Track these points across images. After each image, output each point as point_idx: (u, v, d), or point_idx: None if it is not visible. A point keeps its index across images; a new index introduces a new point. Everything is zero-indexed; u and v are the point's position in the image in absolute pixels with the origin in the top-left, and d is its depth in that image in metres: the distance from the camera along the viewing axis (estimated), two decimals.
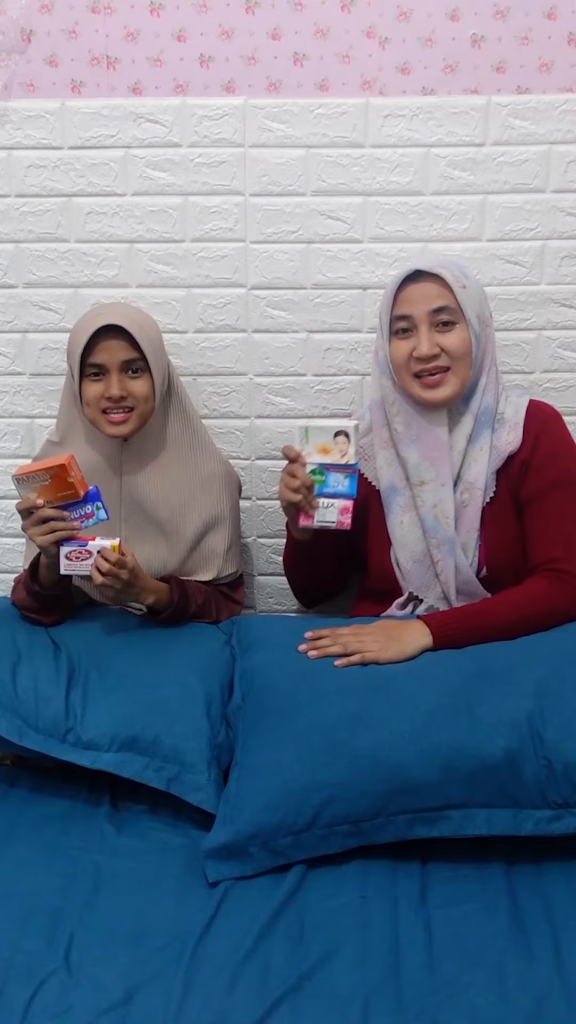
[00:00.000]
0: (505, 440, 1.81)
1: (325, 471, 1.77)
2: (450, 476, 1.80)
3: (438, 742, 1.54)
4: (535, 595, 1.75)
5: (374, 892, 1.49)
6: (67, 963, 1.38)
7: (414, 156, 2.00)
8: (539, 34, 1.94)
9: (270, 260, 2.06)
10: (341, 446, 1.75)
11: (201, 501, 1.96)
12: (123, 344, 1.82)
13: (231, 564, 2.00)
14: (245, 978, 1.35)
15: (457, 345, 1.76)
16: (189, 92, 1.99)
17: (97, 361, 1.83)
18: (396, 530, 1.87)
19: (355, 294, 2.06)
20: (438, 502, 1.81)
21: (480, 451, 1.81)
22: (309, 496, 1.76)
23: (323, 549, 1.91)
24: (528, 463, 1.80)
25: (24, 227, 2.06)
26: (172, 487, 1.94)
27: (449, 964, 1.36)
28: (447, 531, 1.80)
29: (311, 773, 1.55)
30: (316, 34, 1.95)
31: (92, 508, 1.77)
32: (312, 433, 1.76)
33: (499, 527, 1.83)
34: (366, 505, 1.90)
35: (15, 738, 1.70)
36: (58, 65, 1.99)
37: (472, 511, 1.81)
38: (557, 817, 1.52)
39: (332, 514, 1.78)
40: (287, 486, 1.77)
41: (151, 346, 1.85)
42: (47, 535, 1.75)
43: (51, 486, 1.74)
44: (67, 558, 1.77)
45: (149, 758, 1.67)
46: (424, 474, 1.82)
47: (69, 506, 1.76)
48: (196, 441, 1.98)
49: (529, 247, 2.04)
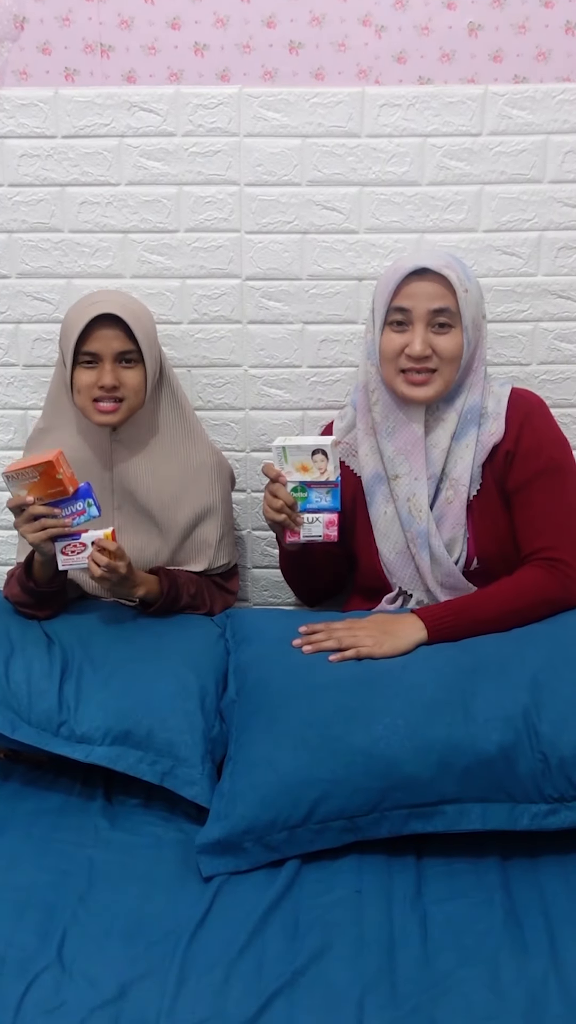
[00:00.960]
0: (488, 432, 1.80)
1: (307, 488, 1.76)
2: (424, 471, 1.80)
3: (433, 737, 1.53)
4: (528, 585, 1.74)
5: (369, 887, 1.49)
6: (60, 958, 1.38)
7: (410, 146, 1.98)
8: (536, 23, 1.93)
9: (265, 251, 2.05)
10: (320, 464, 1.75)
11: (192, 491, 1.95)
12: (118, 334, 1.81)
13: (224, 555, 1.99)
14: (239, 973, 1.35)
15: (449, 349, 1.75)
16: (183, 80, 1.98)
17: (91, 349, 1.81)
18: (379, 521, 1.87)
19: (351, 285, 2.05)
20: (411, 496, 1.81)
21: (466, 448, 1.80)
22: (293, 514, 1.76)
23: (317, 558, 1.91)
24: (513, 453, 1.79)
25: (17, 217, 2.05)
26: (163, 477, 1.93)
27: (444, 959, 1.36)
28: (420, 524, 1.80)
29: (306, 768, 1.55)
30: (312, 22, 1.94)
31: (83, 505, 1.76)
32: (290, 452, 1.75)
33: (487, 519, 1.82)
34: (354, 502, 1.90)
35: (8, 731, 1.69)
36: (51, 53, 1.97)
37: (457, 506, 1.81)
38: (553, 811, 1.52)
39: (318, 528, 1.78)
40: (270, 505, 1.77)
41: (146, 337, 1.84)
42: (38, 532, 1.74)
43: (40, 483, 1.73)
44: (63, 553, 1.77)
45: (143, 752, 1.66)
46: (398, 468, 1.82)
47: (61, 503, 1.75)
48: (187, 431, 1.97)
49: (526, 238, 2.03)
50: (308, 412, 2.14)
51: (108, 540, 1.76)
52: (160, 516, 1.93)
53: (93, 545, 1.76)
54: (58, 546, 1.77)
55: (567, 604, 1.75)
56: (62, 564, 1.78)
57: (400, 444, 1.81)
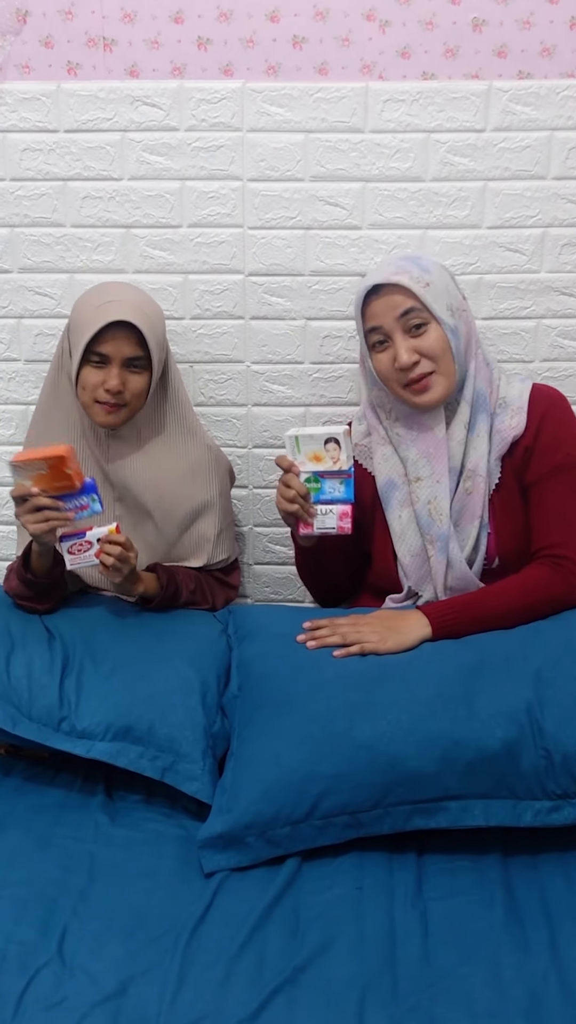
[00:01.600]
0: (508, 425, 1.79)
1: (320, 478, 1.76)
2: (447, 472, 1.79)
3: (436, 733, 1.53)
4: (534, 582, 1.74)
5: (370, 884, 1.49)
6: (61, 954, 1.37)
7: (414, 142, 1.98)
8: (541, 18, 1.92)
9: (268, 246, 2.04)
10: (333, 453, 1.74)
11: (189, 486, 1.94)
12: (131, 339, 1.80)
13: (223, 550, 1.99)
14: (240, 969, 1.34)
15: (434, 345, 1.73)
16: (187, 75, 1.97)
17: (101, 351, 1.80)
18: (395, 524, 1.86)
19: (354, 281, 2.05)
20: (432, 498, 1.80)
21: (478, 437, 1.79)
22: (306, 505, 1.75)
23: (332, 553, 1.90)
24: (532, 448, 1.79)
25: (19, 211, 2.04)
26: (160, 472, 1.92)
27: (445, 956, 1.36)
28: (441, 528, 1.79)
29: (309, 763, 1.54)
30: (316, 17, 1.93)
31: (87, 500, 1.75)
32: (302, 442, 1.75)
33: (508, 515, 1.81)
34: (373, 502, 1.89)
35: (8, 727, 1.69)
36: (54, 46, 1.97)
37: (476, 499, 1.79)
38: (556, 808, 1.52)
39: (331, 520, 1.76)
40: (283, 496, 1.76)
41: (156, 343, 1.82)
42: (40, 523, 1.73)
43: (48, 476, 1.72)
44: (69, 552, 1.77)
45: (144, 747, 1.66)
46: (421, 471, 1.81)
47: (64, 497, 1.75)
48: (185, 427, 1.96)
49: (529, 234, 2.02)
50: (311, 408, 2.14)
51: (117, 535, 1.76)
52: (156, 511, 1.93)
53: (100, 542, 1.76)
54: (64, 546, 1.77)
55: (572, 602, 1.74)
56: (70, 564, 1.78)
57: (423, 447, 1.80)
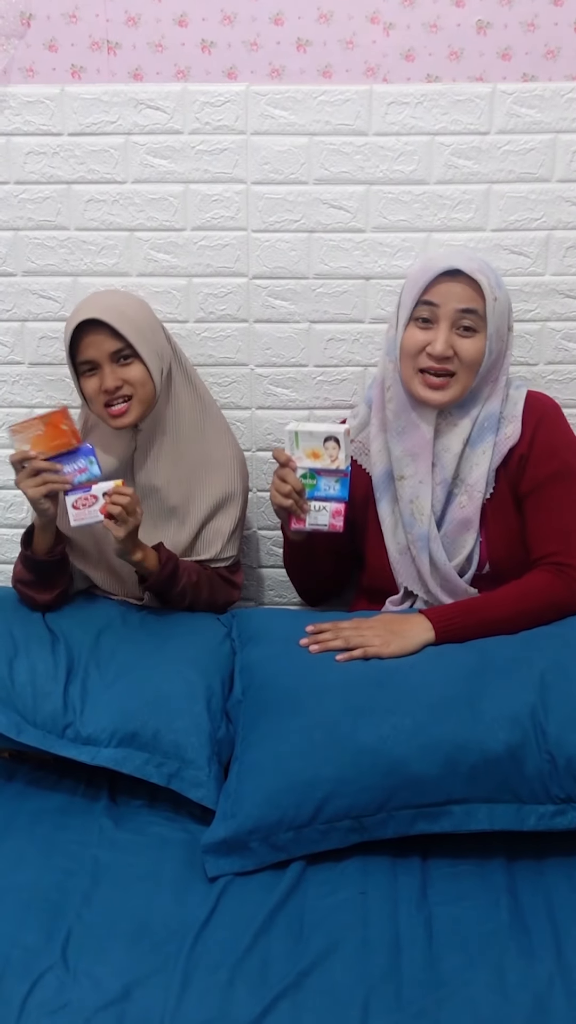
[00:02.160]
0: (505, 435, 1.79)
1: (316, 475, 1.76)
2: (430, 475, 1.79)
3: (440, 737, 1.53)
4: (536, 589, 1.74)
5: (374, 888, 1.48)
6: (64, 958, 1.37)
7: (418, 144, 1.98)
8: (545, 20, 1.92)
9: (272, 249, 2.04)
10: (331, 451, 1.74)
11: (214, 479, 1.95)
12: (106, 335, 1.80)
13: (231, 547, 1.99)
14: (244, 974, 1.34)
15: (471, 353, 1.73)
16: (190, 78, 1.97)
17: (87, 358, 1.82)
18: (387, 518, 1.87)
19: (358, 284, 2.04)
20: (414, 498, 1.80)
21: (482, 455, 1.79)
22: (300, 500, 1.76)
23: (320, 549, 1.90)
24: (527, 456, 1.79)
25: (23, 214, 2.04)
26: (184, 467, 1.93)
27: (450, 961, 1.35)
28: (421, 528, 1.79)
29: (312, 768, 1.54)
30: (319, 19, 1.93)
31: (86, 462, 1.77)
32: (302, 438, 1.75)
33: (500, 523, 1.81)
34: (366, 501, 1.89)
35: (13, 734, 1.69)
36: (58, 50, 1.97)
37: (471, 511, 1.80)
38: (560, 812, 1.51)
39: (324, 517, 1.77)
40: (278, 490, 1.76)
41: (135, 330, 1.81)
42: (39, 487, 1.74)
43: (45, 435, 1.75)
44: (74, 507, 1.77)
45: (149, 754, 1.65)
46: (405, 469, 1.81)
47: (63, 459, 1.76)
48: (210, 418, 1.97)
49: (534, 237, 2.02)
50: (314, 411, 2.14)
51: (124, 487, 1.76)
52: (182, 507, 1.93)
53: (106, 496, 1.76)
54: (69, 500, 1.77)
55: (575, 609, 1.74)
56: (74, 519, 1.78)
57: (409, 445, 1.80)
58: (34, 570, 1.84)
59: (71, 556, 1.91)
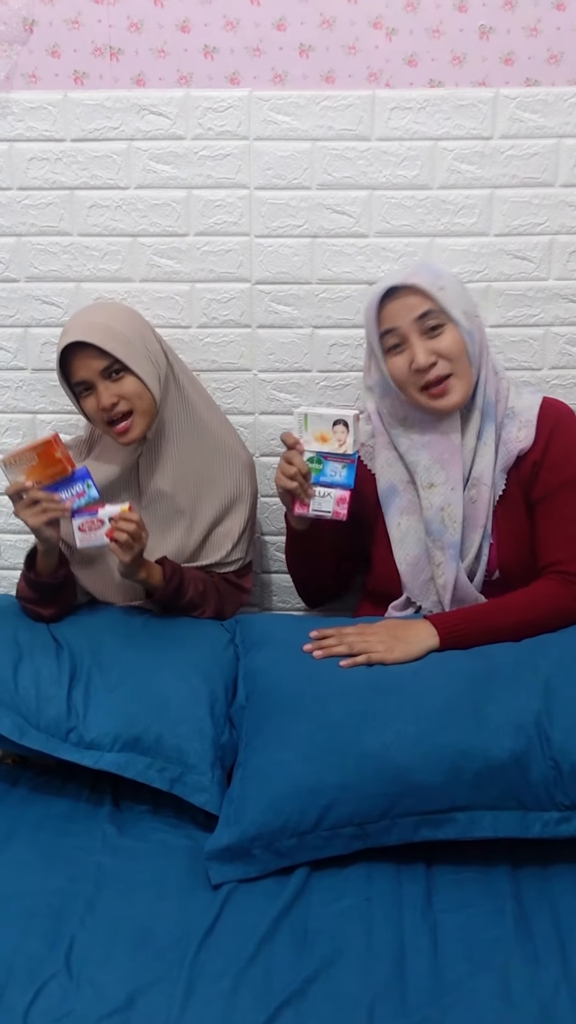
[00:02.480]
0: (516, 437, 1.79)
1: (323, 459, 1.75)
2: (461, 479, 1.78)
3: (444, 743, 1.52)
4: (542, 597, 1.73)
5: (378, 895, 1.48)
6: (68, 966, 1.37)
7: (421, 149, 1.97)
8: (548, 25, 1.92)
9: (275, 254, 2.04)
10: (340, 435, 1.73)
11: (223, 481, 1.95)
12: (93, 354, 1.80)
13: (240, 549, 1.98)
14: (248, 982, 1.34)
15: (451, 346, 1.73)
16: (193, 84, 1.97)
17: (79, 378, 1.82)
18: (394, 532, 1.86)
19: (361, 289, 2.04)
20: (446, 505, 1.78)
21: (485, 446, 1.79)
22: (305, 484, 1.74)
23: (322, 541, 1.88)
24: (540, 463, 1.78)
25: (26, 220, 2.04)
26: (190, 471, 1.93)
27: (455, 969, 1.35)
28: (453, 536, 1.78)
29: (316, 774, 1.54)
30: (322, 25, 1.93)
31: (83, 486, 1.77)
32: (311, 420, 1.74)
33: (511, 528, 1.81)
34: (377, 503, 1.88)
35: (16, 737, 1.68)
36: (60, 56, 1.97)
37: (481, 508, 1.79)
38: (565, 819, 1.51)
39: (328, 503, 1.75)
40: (283, 472, 1.75)
41: (122, 344, 1.81)
42: (38, 516, 1.74)
43: (39, 465, 1.74)
44: (80, 530, 1.77)
45: (152, 758, 1.65)
46: (435, 477, 1.79)
47: (59, 487, 1.76)
48: (213, 422, 1.97)
49: (537, 242, 2.02)
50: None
51: (131, 513, 1.76)
52: (190, 510, 1.93)
53: (112, 520, 1.76)
54: (75, 523, 1.77)
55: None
56: (80, 542, 1.78)
57: (437, 453, 1.79)
58: (38, 591, 1.85)
59: (73, 567, 1.91)
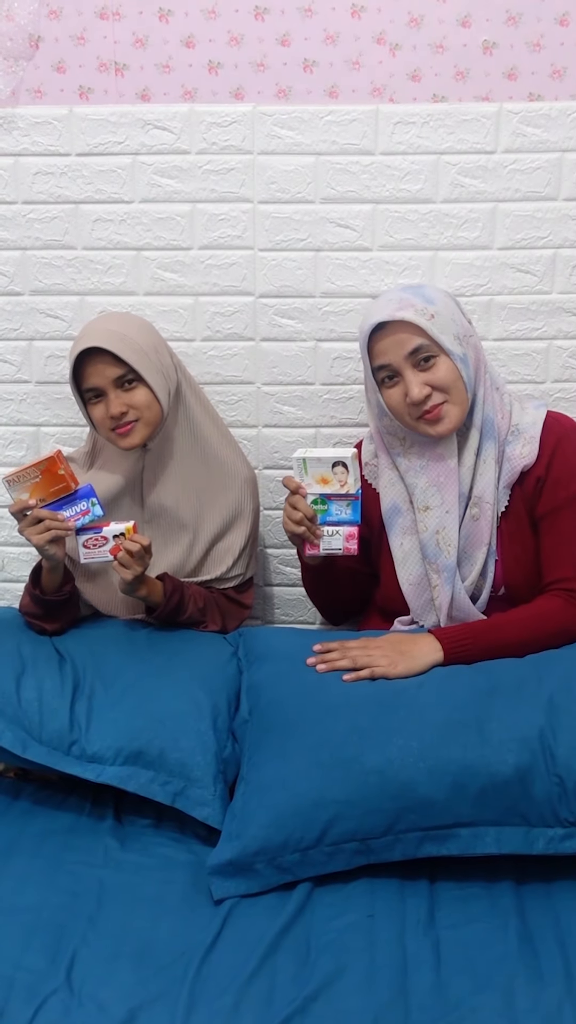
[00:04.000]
0: (519, 453, 1.78)
1: (327, 500, 1.75)
2: (456, 502, 1.77)
3: (447, 759, 1.51)
4: (546, 614, 1.73)
5: (382, 911, 1.47)
6: (69, 981, 1.36)
7: (424, 164, 1.98)
8: (551, 40, 1.92)
9: (279, 268, 2.04)
10: (340, 476, 1.74)
11: (225, 497, 1.95)
12: (108, 362, 1.80)
13: (240, 566, 1.98)
14: (250, 998, 1.33)
15: (445, 378, 1.72)
16: (197, 99, 1.98)
17: (91, 385, 1.83)
18: (397, 552, 1.85)
19: (364, 303, 2.04)
20: (441, 528, 1.78)
21: (485, 463, 1.78)
22: (312, 527, 1.75)
23: (339, 572, 1.89)
24: (544, 479, 1.77)
25: (31, 234, 2.05)
26: (193, 486, 1.93)
27: (458, 985, 1.34)
28: (448, 559, 1.78)
29: (319, 789, 1.53)
30: (326, 40, 1.94)
31: (87, 504, 1.77)
32: (310, 464, 1.74)
33: (516, 545, 1.80)
34: (382, 522, 1.88)
35: (19, 750, 1.68)
36: (66, 71, 1.98)
37: (484, 525, 1.78)
38: (569, 835, 1.50)
39: (338, 541, 1.76)
40: (290, 518, 1.76)
41: (138, 355, 1.81)
42: (42, 534, 1.74)
43: (42, 482, 1.74)
44: (84, 547, 1.78)
45: (154, 772, 1.65)
46: (430, 500, 1.79)
47: (63, 505, 1.76)
48: (218, 438, 1.97)
49: (540, 256, 2.02)
50: (321, 429, 2.14)
51: (136, 534, 1.77)
52: (192, 525, 1.93)
53: (116, 538, 1.76)
54: (80, 539, 1.77)
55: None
56: (84, 558, 1.78)
57: (433, 476, 1.79)
58: (42, 607, 1.85)
59: (77, 580, 1.91)
